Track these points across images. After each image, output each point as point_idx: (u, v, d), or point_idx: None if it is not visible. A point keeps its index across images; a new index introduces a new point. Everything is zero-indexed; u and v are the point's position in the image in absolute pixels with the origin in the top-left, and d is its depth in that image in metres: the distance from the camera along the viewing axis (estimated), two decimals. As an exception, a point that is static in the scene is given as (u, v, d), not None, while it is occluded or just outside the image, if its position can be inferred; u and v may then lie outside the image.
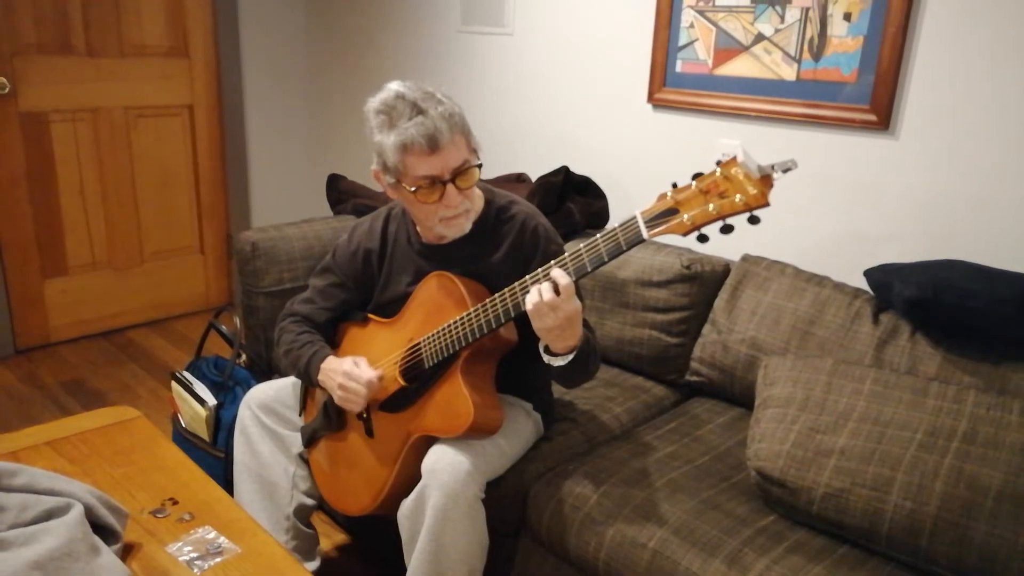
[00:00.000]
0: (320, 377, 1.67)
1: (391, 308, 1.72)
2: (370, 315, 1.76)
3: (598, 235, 1.34)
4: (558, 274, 1.36)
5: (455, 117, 1.51)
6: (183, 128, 3.53)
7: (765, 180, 1.18)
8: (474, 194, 1.61)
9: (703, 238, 1.26)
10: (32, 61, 3.04)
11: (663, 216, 1.27)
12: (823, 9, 1.97)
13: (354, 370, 1.61)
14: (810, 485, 1.48)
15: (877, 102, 1.91)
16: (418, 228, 1.69)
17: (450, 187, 1.52)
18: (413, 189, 1.53)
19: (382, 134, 1.52)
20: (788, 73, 2.07)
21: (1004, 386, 1.55)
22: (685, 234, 1.26)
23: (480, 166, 1.56)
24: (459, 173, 1.52)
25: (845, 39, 1.95)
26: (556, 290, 1.36)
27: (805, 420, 1.56)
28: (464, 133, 1.53)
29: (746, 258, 2.02)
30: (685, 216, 1.25)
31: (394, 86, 1.54)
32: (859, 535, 1.45)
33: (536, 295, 1.37)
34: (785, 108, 2.08)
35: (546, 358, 1.49)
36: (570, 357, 1.46)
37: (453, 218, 1.58)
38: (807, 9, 1.99)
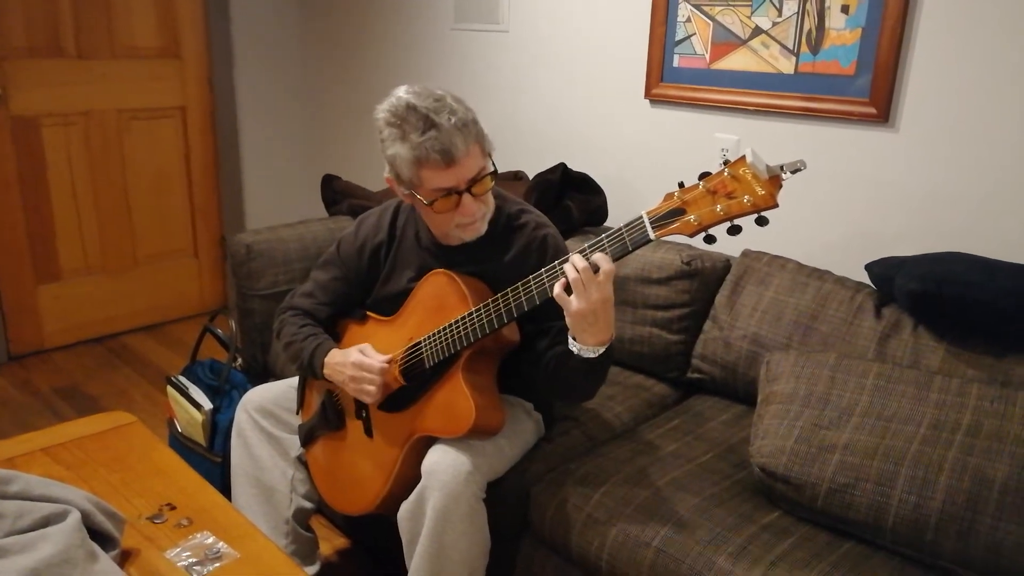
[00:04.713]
0: (327, 372, 1.66)
1: (391, 303, 1.70)
2: (369, 313, 1.75)
3: (603, 235, 1.32)
4: (600, 258, 1.31)
5: (469, 126, 1.47)
6: (175, 130, 3.50)
7: (774, 181, 1.17)
8: (488, 197, 1.59)
9: (710, 239, 1.24)
10: (22, 64, 3.02)
11: (670, 216, 1.25)
12: (821, 2, 1.96)
13: (363, 360, 1.59)
14: (814, 481, 1.47)
15: (876, 95, 1.90)
16: (431, 229, 1.66)
17: (466, 196, 1.50)
18: (429, 201, 1.51)
19: (394, 146, 1.48)
20: (786, 66, 2.06)
21: (1008, 379, 1.55)
22: (692, 235, 1.24)
23: (495, 172, 1.53)
24: (475, 182, 1.50)
25: (843, 32, 1.94)
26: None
27: (808, 416, 1.55)
28: (479, 140, 1.49)
29: (746, 253, 2.01)
30: (692, 216, 1.23)
31: (403, 94, 1.49)
32: (864, 530, 1.44)
33: (576, 263, 1.31)
34: (784, 102, 2.07)
35: (575, 347, 1.43)
36: (601, 350, 1.42)
37: (470, 224, 1.56)
38: (804, 2, 1.98)
